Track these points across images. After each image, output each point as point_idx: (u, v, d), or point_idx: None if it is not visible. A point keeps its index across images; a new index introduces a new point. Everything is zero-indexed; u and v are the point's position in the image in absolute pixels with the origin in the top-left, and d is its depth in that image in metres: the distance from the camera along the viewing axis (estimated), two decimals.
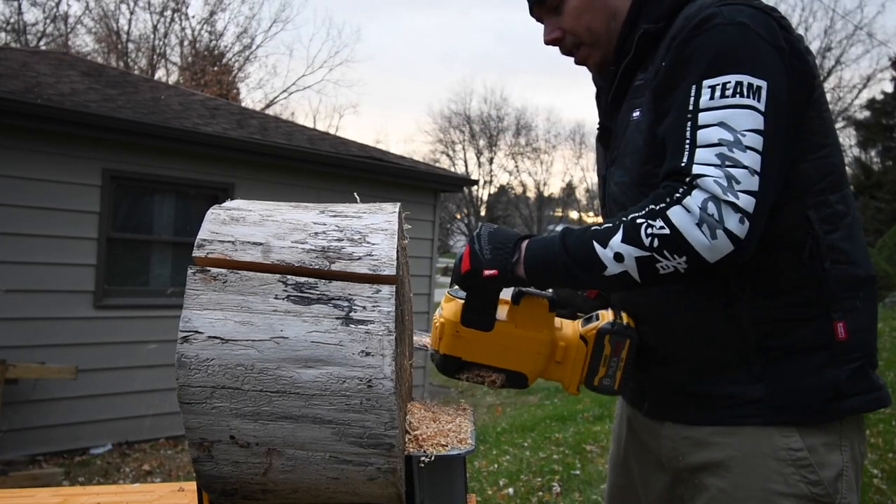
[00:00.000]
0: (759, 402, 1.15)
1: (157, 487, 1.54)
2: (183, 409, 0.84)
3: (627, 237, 1.04)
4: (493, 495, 4.38)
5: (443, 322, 1.18)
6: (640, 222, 1.04)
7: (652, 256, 1.03)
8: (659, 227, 1.02)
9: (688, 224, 1.00)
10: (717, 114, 1.05)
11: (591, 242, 1.07)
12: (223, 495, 0.91)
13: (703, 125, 1.05)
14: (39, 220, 5.69)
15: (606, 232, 1.07)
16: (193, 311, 0.84)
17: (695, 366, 1.20)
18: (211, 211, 0.92)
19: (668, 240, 1.01)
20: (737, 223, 1.00)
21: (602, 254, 1.06)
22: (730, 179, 1.01)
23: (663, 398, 1.27)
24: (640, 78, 1.24)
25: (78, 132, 5.79)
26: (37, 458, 5.59)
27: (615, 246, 1.05)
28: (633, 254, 1.03)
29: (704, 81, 1.07)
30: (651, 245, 1.02)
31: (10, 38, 19.95)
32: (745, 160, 1.02)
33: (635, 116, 1.23)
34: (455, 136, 37.39)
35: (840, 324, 1.14)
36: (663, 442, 1.27)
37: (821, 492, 1.12)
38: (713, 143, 1.03)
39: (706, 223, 1.00)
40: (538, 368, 1.20)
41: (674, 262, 1.02)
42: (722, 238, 1.00)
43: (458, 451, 0.96)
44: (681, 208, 1.02)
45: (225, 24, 32.07)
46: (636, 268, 1.04)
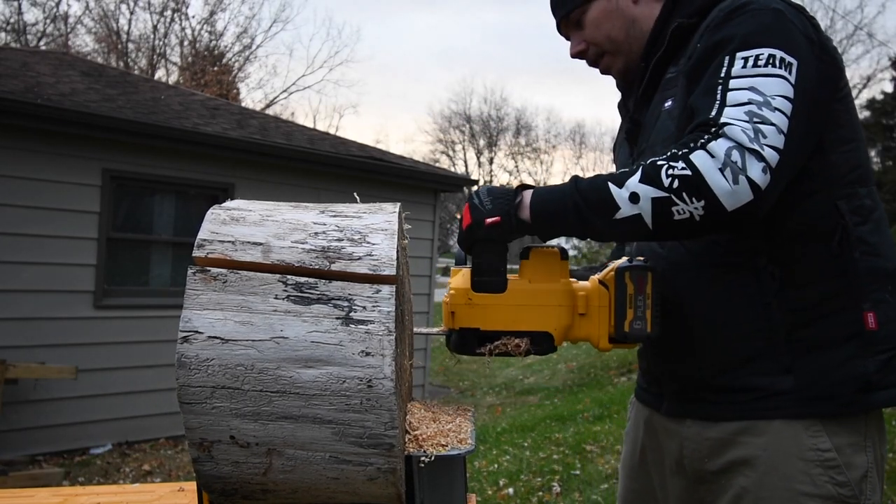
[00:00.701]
0: (788, 393, 1.13)
1: (157, 487, 1.54)
2: (183, 409, 0.84)
3: (646, 177, 1.02)
4: (493, 495, 4.38)
5: (452, 292, 1.11)
6: (661, 163, 1.02)
7: (669, 198, 1.01)
8: (681, 168, 1.00)
9: (710, 167, 0.99)
10: (749, 80, 1.05)
11: (605, 184, 1.05)
12: (223, 495, 0.91)
13: (734, 88, 1.05)
14: (39, 220, 5.69)
15: (624, 174, 1.05)
16: (193, 311, 0.84)
17: (721, 357, 1.18)
18: (211, 211, 0.92)
19: (689, 181, 1.00)
20: (760, 172, 0.99)
21: (617, 193, 1.03)
22: (757, 133, 1.00)
23: (684, 395, 1.25)
24: (671, 71, 1.25)
25: (78, 132, 5.79)
26: (37, 458, 5.59)
27: (632, 186, 1.03)
28: (650, 194, 1.02)
29: (738, 53, 1.08)
30: (670, 185, 1.00)
31: (10, 38, 19.96)
32: (774, 119, 1.02)
33: (668, 106, 1.23)
34: (455, 136, 37.42)
35: (870, 314, 1.13)
36: (685, 444, 1.24)
37: (847, 493, 1.11)
38: (743, 103, 1.03)
39: (729, 168, 0.99)
40: (563, 324, 1.12)
41: (691, 206, 1.00)
42: (743, 185, 0.98)
43: (458, 451, 0.96)
44: (704, 152, 1.01)
45: (225, 24, 32.09)
46: (650, 210, 1.02)
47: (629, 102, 1.39)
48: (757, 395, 1.15)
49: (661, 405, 1.31)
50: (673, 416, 1.27)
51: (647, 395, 1.38)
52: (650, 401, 1.36)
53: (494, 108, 40.21)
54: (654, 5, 1.31)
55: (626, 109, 1.42)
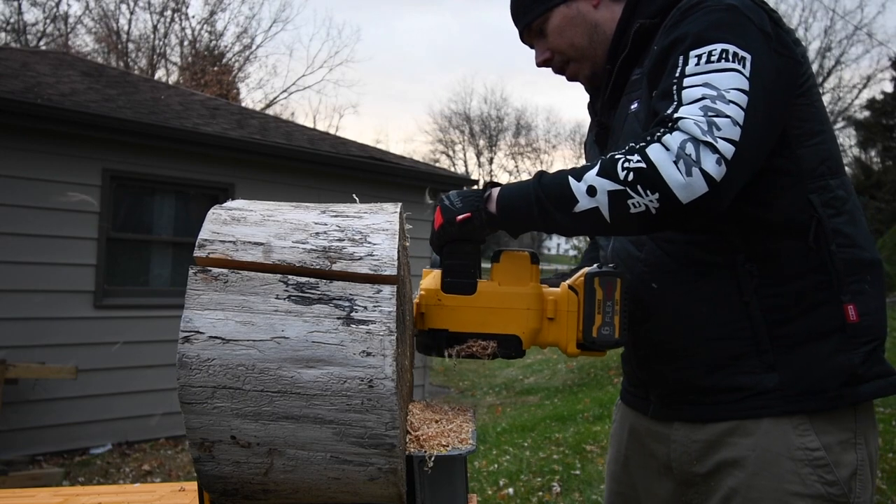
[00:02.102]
0: (774, 391, 1.14)
1: (158, 487, 1.54)
2: (184, 409, 0.84)
3: (603, 171, 1.03)
4: (493, 495, 4.38)
5: (422, 293, 1.11)
6: (618, 157, 1.03)
7: (625, 191, 1.01)
8: (636, 161, 1.01)
9: (664, 160, 1.00)
10: (702, 77, 1.05)
11: (566, 177, 1.06)
12: (224, 495, 0.91)
13: (688, 85, 1.06)
14: (39, 220, 5.69)
15: (583, 168, 1.07)
16: (194, 311, 0.84)
17: (706, 358, 1.18)
18: (212, 211, 0.92)
19: (643, 174, 1.00)
20: (713, 164, 0.99)
21: (575, 187, 1.04)
22: (710, 125, 1.00)
23: (671, 398, 1.25)
24: (636, 73, 1.26)
25: (78, 132, 5.79)
26: (37, 458, 5.59)
27: (589, 179, 1.04)
28: (605, 187, 1.02)
29: (691, 52, 1.08)
30: (626, 178, 1.01)
31: (10, 38, 19.95)
32: (728, 111, 1.02)
33: (634, 108, 1.24)
34: (455, 136, 37.41)
35: (850, 306, 1.13)
36: (673, 447, 1.24)
37: (837, 492, 1.11)
38: (697, 99, 1.04)
39: (682, 160, 0.99)
40: (531, 328, 1.12)
41: (646, 198, 1.00)
42: (697, 177, 0.98)
43: (458, 451, 0.96)
44: (659, 145, 1.01)
45: (225, 24, 32.09)
46: (607, 203, 1.03)
47: (597, 105, 1.39)
48: (743, 395, 1.15)
49: (647, 409, 1.31)
50: (660, 420, 1.27)
51: (633, 399, 1.38)
52: (636, 404, 1.36)
53: (494, 108, 40.24)
54: (615, 8, 1.31)
55: (594, 112, 1.42)
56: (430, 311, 1.10)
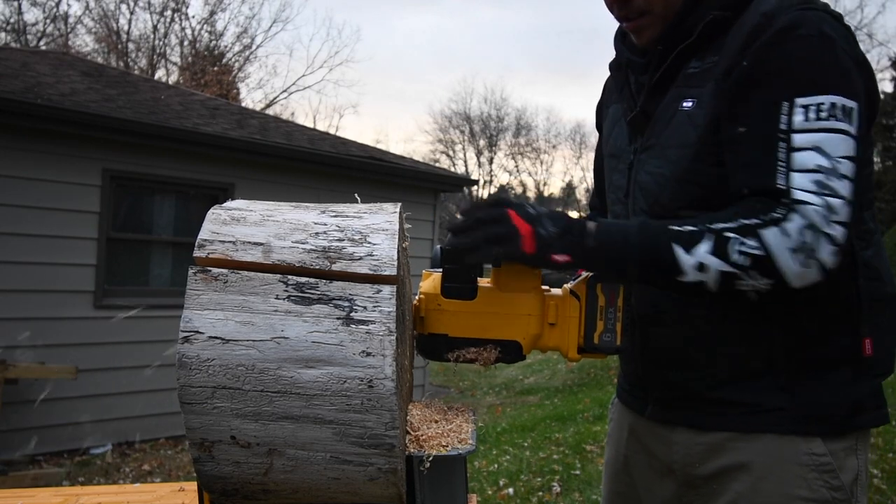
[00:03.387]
0: (784, 410, 1.13)
1: (158, 487, 1.54)
2: (184, 409, 0.84)
3: (716, 250, 0.99)
4: (493, 495, 4.39)
5: (422, 297, 1.09)
6: (731, 237, 0.99)
7: (737, 274, 0.99)
8: (752, 247, 0.98)
9: (783, 249, 0.98)
10: (813, 137, 1.01)
11: (671, 245, 1.02)
12: (224, 495, 0.91)
13: (798, 147, 1.01)
14: (39, 220, 5.69)
15: (691, 238, 1.01)
16: (194, 311, 0.83)
17: (717, 371, 1.16)
18: (212, 211, 0.92)
19: (760, 261, 0.98)
20: (829, 254, 0.98)
21: (684, 260, 1.01)
22: (829, 210, 0.98)
23: (672, 402, 1.23)
24: (694, 65, 1.17)
25: (78, 132, 5.79)
26: (37, 458, 5.59)
27: (700, 255, 1.00)
28: (718, 267, 1.00)
29: (797, 100, 1.02)
30: (739, 263, 0.99)
31: (10, 38, 19.96)
32: (842, 190, 0.99)
33: (687, 107, 1.16)
34: (455, 136, 37.42)
35: (867, 340, 1.13)
36: (675, 448, 1.22)
37: (841, 496, 1.11)
38: (810, 169, 0.99)
39: (802, 251, 0.97)
40: (532, 333, 1.09)
41: (758, 281, 1.00)
42: (813, 268, 0.98)
43: (458, 451, 0.96)
44: (778, 231, 0.98)
45: (225, 24, 32.04)
46: (716, 280, 1.00)
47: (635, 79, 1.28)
48: (752, 410, 1.14)
49: (644, 409, 1.28)
50: (659, 422, 1.25)
51: (629, 398, 1.35)
52: (633, 404, 1.33)
53: (494, 108, 40.24)
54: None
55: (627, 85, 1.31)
56: (430, 316, 1.09)
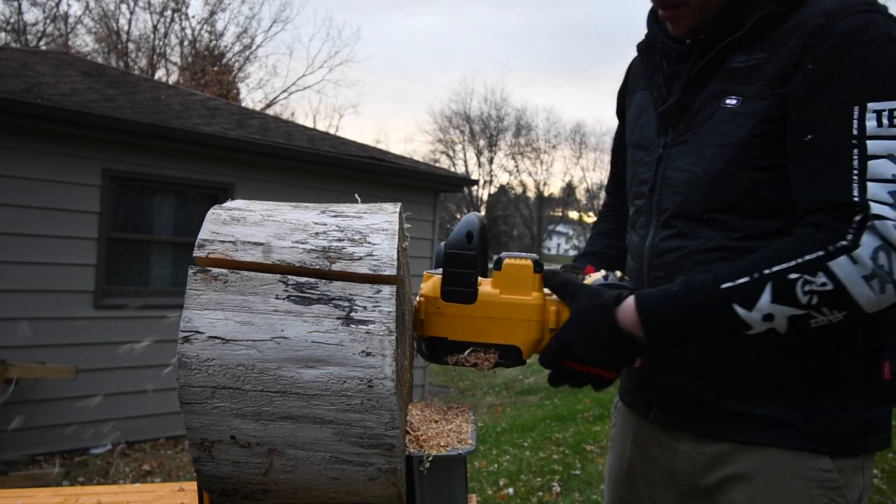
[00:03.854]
0: (793, 426, 1.08)
1: (157, 487, 1.54)
2: (184, 409, 0.84)
3: (780, 296, 0.93)
4: (493, 495, 4.39)
5: (421, 300, 1.09)
6: (794, 278, 0.93)
7: (808, 314, 0.94)
8: (821, 284, 0.92)
9: (855, 279, 0.91)
10: (888, 144, 0.94)
11: (729, 306, 0.96)
12: (223, 495, 0.91)
13: (873, 155, 0.94)
14: (39, 220, 5.69)
15: (747, 291, 0.95)
16: (194, 311, 0.83)
17: (725, 382, 1.12)
18: (212, 211, 0.92)
19: (831, 296, 0.92)
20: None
21: (748, 317, 0.95)
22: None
23: (677, 408, 1.18)
24: (739, 60, 1.10)
25: (78, 132, 5.79)
26: (37, 458, 5.59)
27: (764, 308, 0.94)
28: (786, 314, 0.94)
29: (869, 104, 0.96)
30: (809, 303, 0.93)
31: (10, 38, 19.96)
32: None
33: (731, 104, 1.09)
34: (455, 136, 37.42)
35: (887, 363, 1.08)
36: (679, 458, 1.18)
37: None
38: (887, 179, 0.93)
39: (877, 277, 0.91)
40: (531, 338, 1.08)
41: (830, 316, 0.94)
42: (890, 292, 0.91)
43: (458, 451, 0.96)
44: (847, 260, 0.91)
45: (225, 24, 32.04)
46: (786, 325, 0.95)
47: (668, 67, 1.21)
48: (760, 423, 1.10)
49: (648, 412, 1.24)
50: (663, 427, 1.21)
51: (633, 400, 1.31)
52: (636, 407, 1.29)
53: (494, 108, 40.22)
54: None
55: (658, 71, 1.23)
56: (430, 319, 1.08)
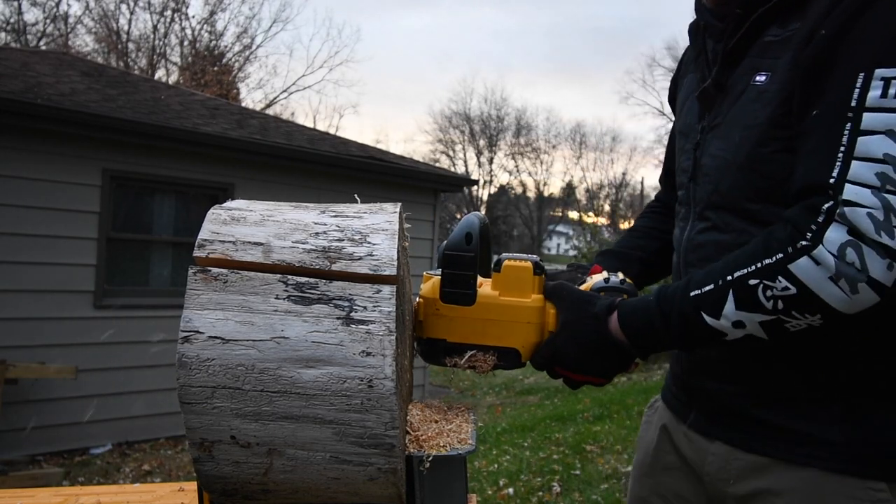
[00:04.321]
0: (833, 446, 0.97)
1: (157, 487, 1.53)
2: (184, 409, 0.84)
3: (743, 304, 0.88)
4: (493, 495, 4.39)
5: (420, 301, 1.08)
6: (754, 283, 0.87)
7: (778, 319, 0.87)
8: (782, 289, 0.85)
9: (819, 280, 0.83)
10: (888, 117, 0.84)
11: (698, 315, 0.92)
12: (223, 495, 0.91)
13: (866, 130, 0.84)
14: (39, 220, 5.69)
15: (714, 299, 0.90)
16: (194, 311, 0.84)
17: (762, 390, 1.04)
18: (212, 211, 0.92)
19: (796, 300, 0.85)
20: (883, 270, 0.81)
21: (718, 325, 0.91)
22: (888, 212, 0.81)
23: (715, 415, 1.11)
24: (774, 33, 1.02)
25: (78, 132, 5.79)
26: (37, 458, 5.59)
27: (731, 315, 0.89)
28: (755, 319, 0.89)
29: (877, 70, 0.85)
30: (775, 308, 0.87)
31: (10, 38, 19.96)
32: None
33: (760, 81, 1.01)
34: (455, 136, 37.42)
35: None
36: (710, 459, 1.10)
37: None
38: (875, 158, 0.83)
39: (844, 276, 0.82)
40: (531, 341, 1.07)
41: (806, 319, 0.87)
42: (864, 291, 0.82)
43: (458, 451, 0.96)
44: (808, 260, 0.84)
45: (225, 24, 32.03)
46: (762, 330, 0.90)
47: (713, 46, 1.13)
48: (799, 440, 1.00)
49: (687, 416, 1.17)
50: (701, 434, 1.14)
51: (675, 402, 1.23)
52: (678, 409, 1.22)
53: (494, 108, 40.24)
54: None
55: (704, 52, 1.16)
56: (429, 321, 1.08)
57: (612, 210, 37.81)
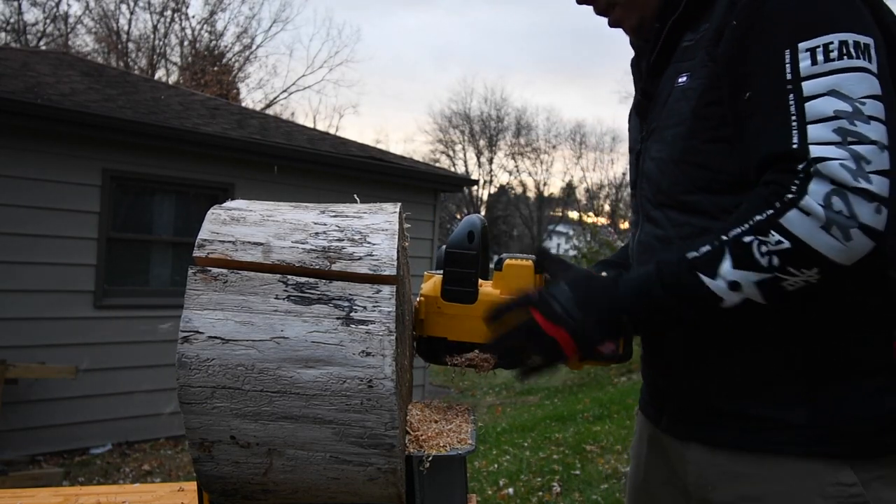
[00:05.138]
0: (800, 427, 0.97)
1: (157, 487, 1.53)
2: (183, 410, 0.84)
3: (739, 262, 0.88)
4: (493, 495, 4.38)
5: (422, 300, 1.08)
6: (749, 240, 0.87)
7: (775, 277, 0.86)
8: (776, 243, 0.85)
9: (812, 230, 0.83)
10: (826, 80, 0.86)
11: (695, 276, 0.91)
12: (223, 495, 0.91)
13: (810, 96, 0.87)
14: (39, 220, 5.69)
15: (711, 259, 0.90)
16: (194, 311, 0.84)
17: (727, 378, 1.03)
18: (211, 211, 0.92)
19: (791, 254, 0.85)
20: (872, 214, 0.82)
21: (714, 286, 0.89)
22: (858, 160, 0.83)
23: (685, 413, 1.11)
24: (688, 38, 1.08)
25: (78, 132, 5.80)
26: (37, 458, 5.59)
27: (727, 275, 0.88)
28: (751, 279, 0.87)
29: (800, 44, 0.88)
30: (771, 265, 0.86)
31: (10, 38, 19.95)
32: (872, 133, 0.83)
33: (682, 82, 1.06)
34: (455, 136, 37.39)
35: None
36: (689, 468, 1.09)
37: None
38: (828, 117, 0.85)
39: (836, 224, 0.83)
40: None
41: (803, 276, 0.86)
42: (858, 237, 0.83)
43: (458, 451, 0.96)
44: (797, 212, 0.84)
45: (225, 24, 31.98)
46: (759, 293, 0.88)
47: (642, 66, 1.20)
48: (766, 426, 1.00)
49: (660, 419, 1.18)
50: (675, 436, 1.14)
51: (648, 408, 1.24)
52: (651, 413, 1.22)
53: (494, 108, 40.20)
54: None
55: (638, 73, 1.23)
56: (430, 319, 1.08)
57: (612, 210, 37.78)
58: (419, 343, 1.11)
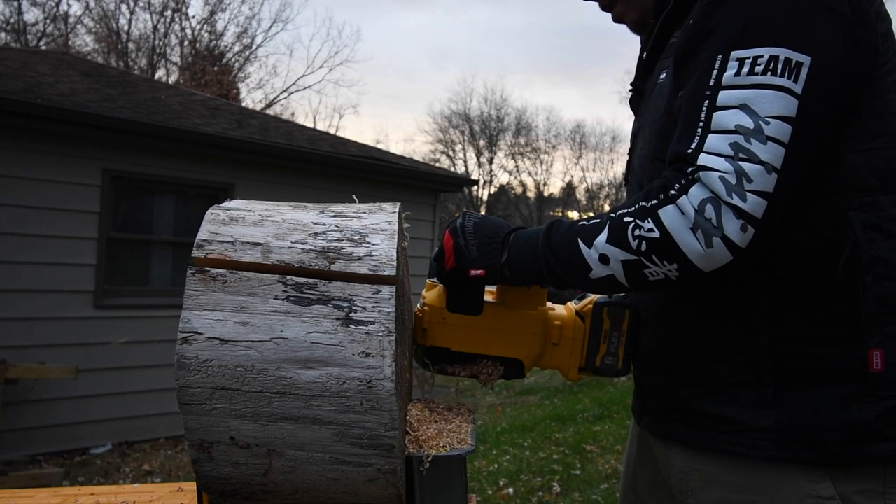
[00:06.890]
0: (767, 431, 0.97)
1: (157, 487, 1.53)
2: (183, 410, 0.83)
3: (613, 237, 0.93)
4: (493, 495, 4.38)
5: (426, 309, 1.09)
6: (628, 221, 0.92)
7: (639, 261, 0.91)
8: (647, 230, 0.90)
9: (680, 228, 0.88)
10: (741, 94, 0.89)
11: (575, 240, 0.96)
12: (223, 496, 0.90)
13: (721, 106, 0.90)
14: (39, 220, 5.69)
15: (593, 229, 0.96)
16: (193, 311, 0.83)
17: (700, 378, 1.04)
18: (210, 211, 0.92)
19: (657, 244, 0.90)
20: (737, 230, 0.86)
21: (587, 254, 0.95)
22: (740, 176, 0.86)
23: (665, 413, 1.11)
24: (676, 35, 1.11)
25: (78, 132, 5.79)
26: (37, 458, 5.59)
27: (600, 246, 0.94)
28: (618, 257, 0.93)
29: (733, 52, 0.90)
30: (638, 248, 0.91)
31: (10, 38, 19.95)
32: (764, 154, 0.86)
33: (661, 79, 1.10)
34: (455, 136, 37.38)
35: (876, 352, 0.93)
36: (672, 472, 1.10)
37: None
38: (728, 130, 0.88)
39: (701, 228, 0.87)
40: (534, 352, 1.09)
41: (663, 268, 0.91)
42: (718, 247, 0.87)
43: (458, 451, 0.96)
44: (674, 208, 0.89)
45: (225, 24, 31.94)
46: (623, 273, 0.93)
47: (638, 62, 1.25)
48: (733, 428, 1.00)
49: (642, 418, 1.19)
50: (657, 436, 1.15)
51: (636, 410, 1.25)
52: (637, 413, 1.23)
53: (494, 108, 40.17)
54: None
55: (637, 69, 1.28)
56: (433, 329, 1.08)
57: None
58: (424, 353, 1.11)
